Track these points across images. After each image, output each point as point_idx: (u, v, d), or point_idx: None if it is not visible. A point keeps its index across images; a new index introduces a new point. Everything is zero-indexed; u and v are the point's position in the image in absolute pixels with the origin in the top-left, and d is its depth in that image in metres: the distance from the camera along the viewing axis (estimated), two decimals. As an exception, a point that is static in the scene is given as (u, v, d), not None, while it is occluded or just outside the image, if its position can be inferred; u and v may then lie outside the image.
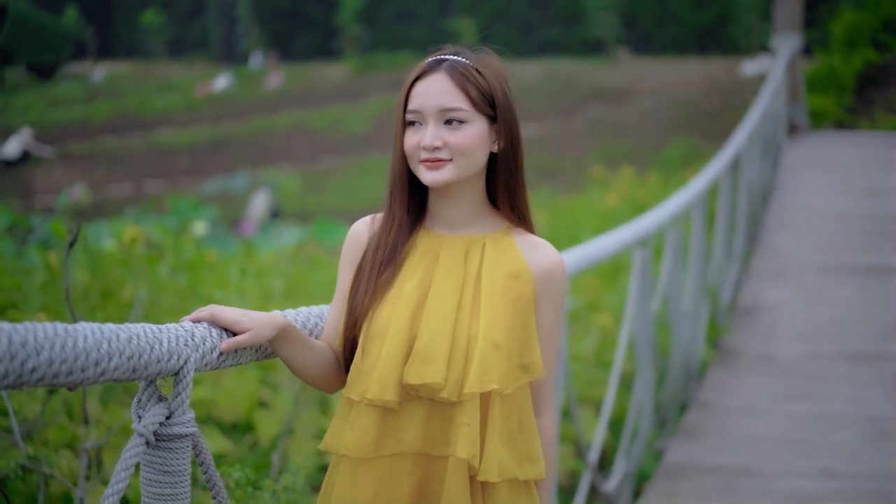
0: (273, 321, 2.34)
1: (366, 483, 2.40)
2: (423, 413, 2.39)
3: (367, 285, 2.46)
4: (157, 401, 2.06)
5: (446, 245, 2.48)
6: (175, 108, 31.25)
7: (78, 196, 20.92)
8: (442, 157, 2.40)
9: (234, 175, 22.73)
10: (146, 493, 2.06)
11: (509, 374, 2.39)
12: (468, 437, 2.36)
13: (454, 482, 2.37)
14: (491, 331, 2.38)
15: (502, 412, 2.39)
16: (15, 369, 1.64)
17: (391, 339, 2.38)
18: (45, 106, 32.87)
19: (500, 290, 2.42)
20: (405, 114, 2.44)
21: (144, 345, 1.96)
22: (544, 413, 2.50)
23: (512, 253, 2.47)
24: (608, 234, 5.61)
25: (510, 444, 2.40)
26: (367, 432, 2.39)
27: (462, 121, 2.40)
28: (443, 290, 2.43)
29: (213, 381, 5.88)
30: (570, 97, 27.06)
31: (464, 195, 2.47)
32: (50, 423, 5.18)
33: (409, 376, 2.36)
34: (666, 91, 26.15)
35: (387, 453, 2.40)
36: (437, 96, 2.40)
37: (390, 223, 2.50)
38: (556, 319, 2.49)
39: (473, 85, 2.41)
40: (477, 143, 2.41)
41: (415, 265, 2.47)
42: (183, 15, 45.15)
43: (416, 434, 2.39)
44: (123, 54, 44.32)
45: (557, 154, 21.86)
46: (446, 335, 2.38)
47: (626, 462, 5.92)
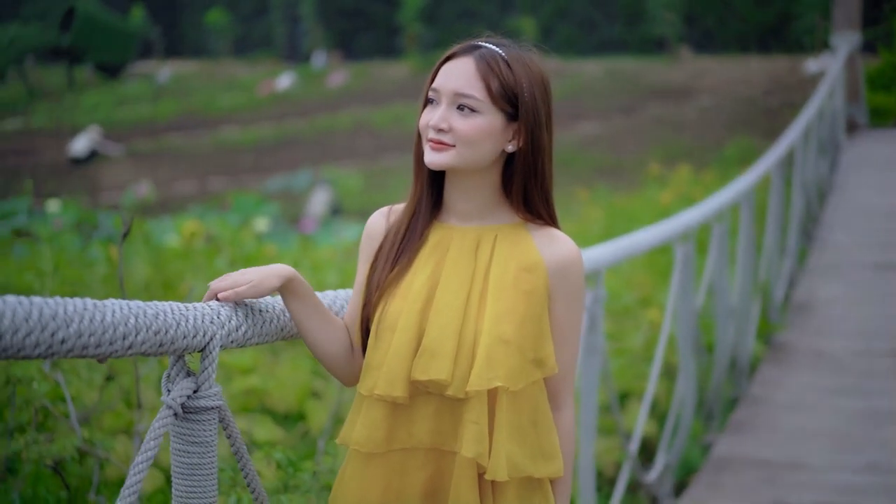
0: (278, 270, 2.31)
1: (376, 478, 2.37)
2: (434, 407, 2.34)
3: (379, 278, 2.41)
4: (185, 375, 2.17)
5: (457, 237, 2.41)
6: (239, 107, 31.58)
7: (143, 193, 21.24)
8: (445, 140, 2.33)
9: (296, 173, 22.95)
10: (175, 463, 2.18)
11: (520, 370, 2.32)
12: (474, 435, 2.30)
13: (462, 481, 2.32)
14: (498, 325, 2.31)
15: (512, 408, 2.32)
16: (45, 339, 1.76)
17: (400, 333, 2.34)
18: (113, 105, 33.35)
19: (511, 282, 2.35)
20: (428, 91, 2.38)
21: (171, 321, 2.08)
22: (562, 409, 2.43)
23: (525, 245, 2.39)
24: (649, 228, 5.66)
25: (522, 441, 2.33)
26: (376, 427, 2.35)
27: (473, 109, 2.32)
28: (452, 284, 2.36)
29: (266, 371, 6.01)
30: (631, 95, 27.00)
31: (475, 188, 2.40)
32: (107, 409, 5.32)
33: (416, 372, 2.31)
34: (727, 89, 26.01)
35: (397, 448, 2.36)
36: (456, 79, 2.33)
37: (408, 213, 2.45)
38: (572, 314, 2.41)
39: (497, 77, 2.32)
40: (483, 135, 2.32)
41: (426, 258, 2.41)
42: (247, 14, 45.56)
43: (427, 429, 2.35)
44: (189, 53, 44.81)
45: (617, 152, 21.85)
46: (453, 330, 2.32)
47: (667, 454, 5.97)
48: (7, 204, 19.24)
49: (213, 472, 2.20)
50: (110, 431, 5.26)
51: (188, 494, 2.18)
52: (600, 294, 4.62)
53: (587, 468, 4.63)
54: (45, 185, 22.50)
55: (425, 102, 2.39)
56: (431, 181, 2.44)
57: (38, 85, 36.82)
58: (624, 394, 6.66)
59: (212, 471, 2.20)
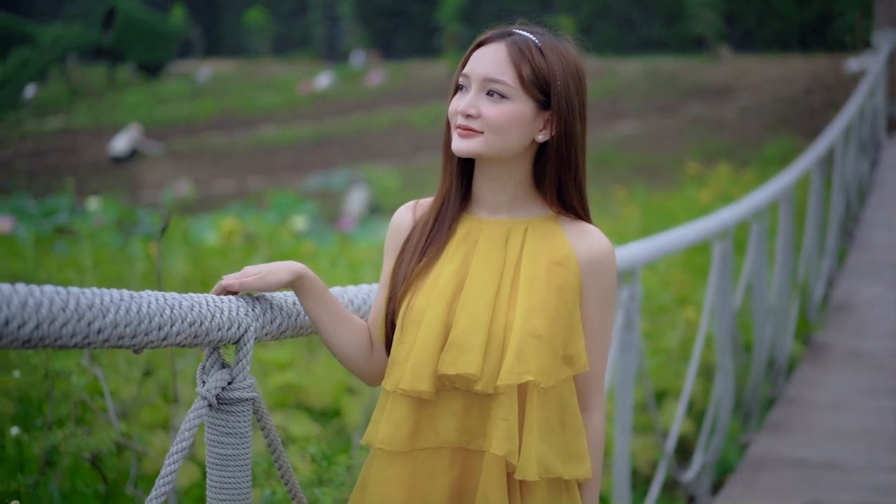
0: (289, 266, 2.26)
1: (400, 478, 2.28)
2: (460, 405, 2.26)
3: (406, 271, 2.34)
4: (220, 367, 2.19)
5: (486, 229, 2.33)
6: (278, 106, 31.71)
7: (183, 191, 21.37)
8: (474, 127, 2.26)
9: (334, 172, 23.03)
10: (210, 454, 2.20)
11: (551, 367, 2.24)
12: (504, 432, 2.22)
13: (490, 479, 2.24)
14: (530, 320, 2.23)
15: (542, 406, 2.25)
16: (82, 329, 1.78)
17: (426, 327, 2.25)
18: (153, 104, 33.56)
19: (543, 277, 2.27)
20: (459, 77, 2.31)
21: (206, 313, 2.09)
22: (592, 410, 2.35)
23: (557, 239, 2.31)
24: (686, 226, 5.64)
25: (551, 441, 2.26)
26: (401, 424, 2.26)
27: (503, 95, 2.24)
28: (481, 277, 2.28)
29: (303, 367, 6.03)
30: (670, 94, 26.90)
31: (505, 178, 2.32)
32: (144, 403, 5.36)
33: (443, 366, 2.23)
34: (767, 88, 25.87)
35: (422, 446, 2.27)
36: (487, 65, 2.26)
37: (436, 204, 2.38)
38: (604, 310, 2.33)
39: (529, 63, 2.25)
40: (513, 123, 2.24)
41: (454, 250, 2.33)
42: (286, 14, 45.74)
43: (453, 427, 2.26)
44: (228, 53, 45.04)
45: (656, 151, 21.78)
46: (483, 324, 2.24)
47: (704, 453, 5.95)
48: (48, 202, 19.42)
49: (247, 464, 2.22)
50: (147, 426, 5.30)
51: (222, 485, 2.20)
52: (636, 291, 4.61)
53: (622, 466, 4.62)
54: (86, 183, 22.68)
55: (455, 89, 2.32)
56: (461, 172, 2.37)
57: (80, 84, 37.11)
58: (661, 392, 6.64)
59: (245, 462, 2.21)
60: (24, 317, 1.68)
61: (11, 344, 1.67)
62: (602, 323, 2.33)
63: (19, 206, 18.31)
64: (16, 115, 33.23)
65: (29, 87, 35.64)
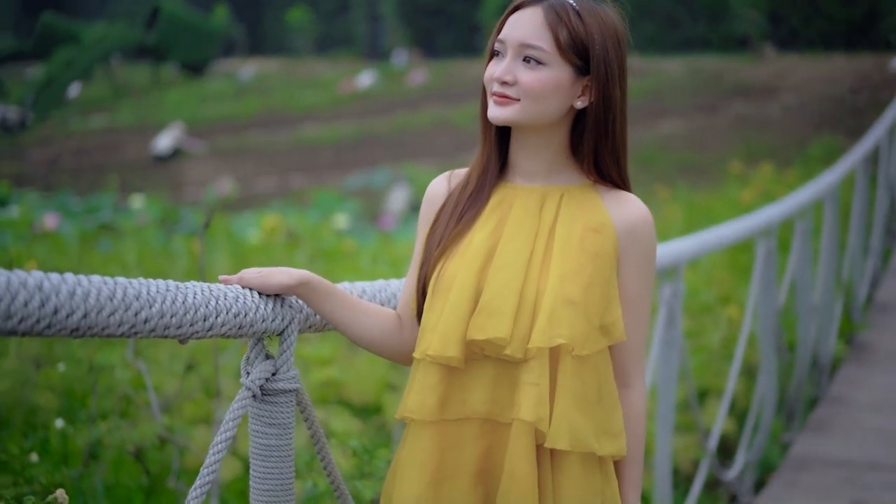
0: (289, 271, 2.20)
1: (429, 448, 2.22)
2: (490, 374, 2.20)
3: (441, 236, 2.29)
4: (263, 358, 2.20)
5: (521, 196, 2.28)
6: (320, 105, 31.80)
7: (225, 189, 21.48)
8: (510, 94, 2.21)
9: (375, 170, 23.07)
10: (254, 444, 2.21)
11: (586, 335, 2.17)
12: (534, 397, 2.15)
13: (518, 450, 2.17)
14: (564, 285, 2.17)
15: (577, 375, 2.17)
16: (129, 318, 1.80)
17: (456, 292, 2.20)
18: (196, 102, 33.76)
19: (577, 243, 2.21)
20: (494, 42, 2.26)
21: (250, 304, 2.11)
22: (633, 386, 2.28)
23: (593, 206, 2.26)
24: (730, 223, 5.62)
25: (586, 413, 2.18)
26: (429, 392, 2.21)
27: (540, 61, 2.19)
28: (513, 243, 2.23)
29: (344, 363, 6.06)
30: (714, 93, 26.76)
31: (541, 146, 2.27)
32: (187, 398, 5.40)
33: (473, 331, 2.17)
34: (811, 88, 25.69)
35: (451, 417, 2.21)
36: (523, 30, 2.20)
37: (475, 171, 2.33)
38: (643, 279, 2.27)
39: (566, 28, 2.18)
40: (550, 89, 2.19)
41: (487, 217, 2.28)
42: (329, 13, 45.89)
43: (482, 397, 2.20)
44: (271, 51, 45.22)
45: (698, 150, 21.67)
46: (514, 289, 2.19)
47: (747, 452, 5.92)
48: (92, 199, 19.58)
49: (290, 455, 2.23)
50: (190, 420, 5.34)
51: (265, 476, 2.21)
52: (679, 289, 4.60)
53: (664, 464, 4.61)
54: (130, 181, 22.85)
55: (491, 54, 2.26)
56: (499, 139, 2.31)
57: (124, 83, 37.38)
58: (703, 391, 6.61)
59: (288, 453, 2.22)
60: (73, 306, 1.70)
61: (59, 332, 1.69)
62: (640, 292, 2.27)
63: (64, 204, 18.47)
64: (60, 114, 33.53)
65: (73, 86, 35.95)
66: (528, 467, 2.17)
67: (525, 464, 2.17)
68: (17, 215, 13.71)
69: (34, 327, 1.63)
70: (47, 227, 12.04)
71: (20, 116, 31.72)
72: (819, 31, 32.45)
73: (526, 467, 2.17)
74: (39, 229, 11.96)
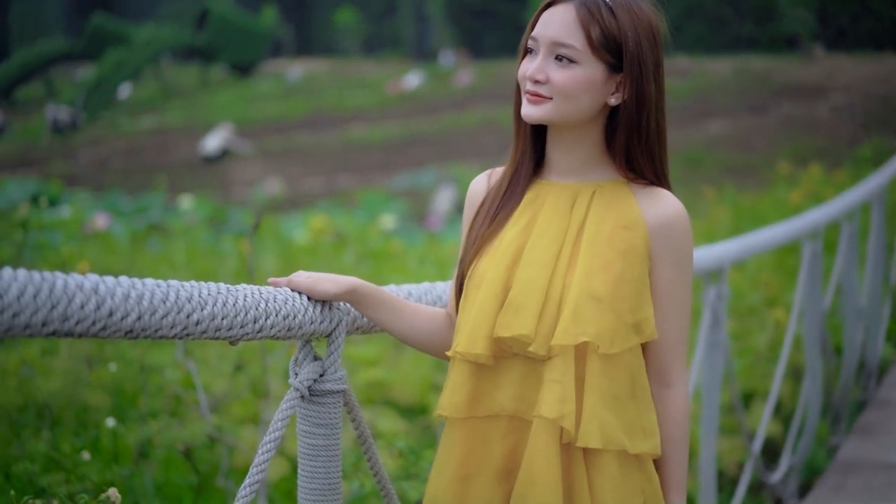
0: (337, 278, 2.21)
1: (458, 444, 2.23)
2: (520, 372, 2.19)
3: (476, 235, 2.29)
4: (312, 359, 2.25)
5: (554, 192, 2.27)
6: (367, 105, 31.92)
7: (273, 189, 21.62)
8: (542, 93, 2.19)
9: (422, 171, 23.14)
10: (302, 444, 2.26)
11: (614, 332, 2.15)
12: (556, 394, 2.13)
13: (538, 447, 2.15)
14: (590, 281, 2.15)
15: (606, 373, 2.15)
16: (181, 320, 1.85)
17: (485, 290, 2.20)
18: (244, 103, 33.98)
19: (606, 239, 2.19)
20: (527, 41, 2.23)
21: (299, 306, 2.15)
22: (673, 385, 2.24)
23: (625, 202, 2.23)
24: (775, 226, 5.61)
25: (618, 411, 2.15)
26: (458, 390, 2.21)
27: (572, 60, 2.17)
28: (542, 239, 2.22)
29: (390, 364, 6.10)
30: (761, 94, 26.61)
31: (575, 143, 2.25)
32: (235, 397, 5.46)
33: (499, 328, 2.17)
34: (861, 88, 25.48)
35: (480, 414, 2.21)
36: (555, 27, 2.17)
37: (509, 170, 2.32)
38: (679, 277, 2.22)
39: (598, 25, 2.16)
40: (582, 87, 2.17)
41: (520, 214, 2.27)
42: (377, 13, 46.02)
43: (510, 394, 2.19)
44: (319, 52, 45.40)
45: (746, 151, 21.57)
46: (540, 285, 2.17)
47: (792, 455, 5.91)
48: (142, 199, 19.77)
49: (337, 455, 2.27)
50: (238, 419, 5.39)
51: (313, 475, 2.25)
52: (724, 291, 4.60)
53: (708, 466, 4.61)
54: (178, 181, 23.05)
55: (524, 52, 2.24)
56: (534, 136, 2.30)
57: (173, 84, 37.68)
58: (749, 394, 6.60)
59: (336, 453, 2.26)
60: (127, 308, 1.74)
61: (114, 334, 1.73)
62: (676, 291, 2.23)
63: (114, 203, 18.67)
64: (110, 115, 33.85)
65: (124, 87, 36.28)
66: (546, 465, 2.15)
67: (543, 461, 2.15)
68: (68, 215, 13.87)
69: (90, 329, 1.68)
70: (98, 228, 12.18)
71: (71, 117, 32.07)
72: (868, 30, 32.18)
73: (543, 465, 2.15)
74: (90, 229, 12.11)
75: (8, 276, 1.55)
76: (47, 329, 1.61)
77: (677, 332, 2.24)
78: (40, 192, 18.07)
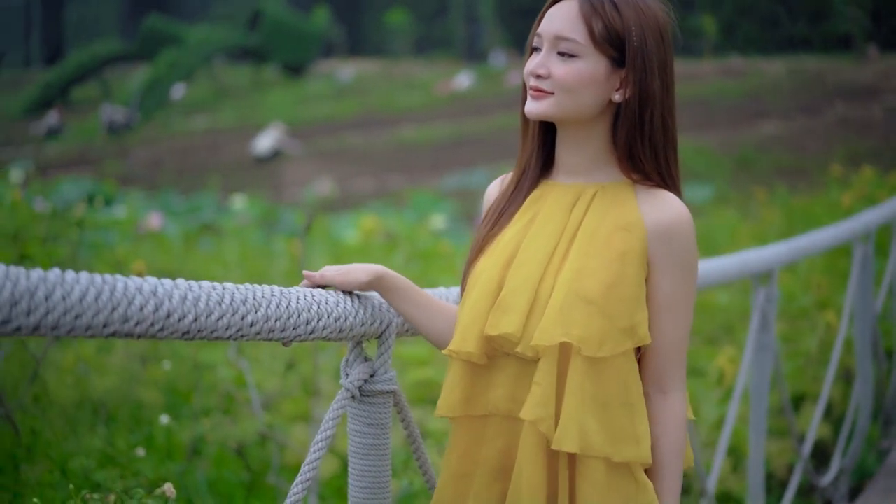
0: (366, 267, 2.22)
1: (456, 443, 2.22)
2: (513, 372, 2.16)
3: (479, 237, 2.27)
4: (362, 360, 2.29)
5: (557, 192, 2.23)
6: (417, 106, 32.00)
7: (325, 190, 21.73)
8: (544, 88, 2.16)
9: (472, 171, 23.16)
10: (352, 443, 2.30)
11: (604, 336, 2.08)
12: (537, 397, 2.09)
13: (526, 450, 2.13)
14: (580, 282, 2.10)
15: (592, 378, 2.09)
16: (236, 322, 1.90)
17: (479, 287, 2.18)
18: (295, 103, 34.16)
19: (603, 240, 2.14)
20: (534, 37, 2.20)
21: (350, 308, 2.19)
22: (670, 392, 2.17)
23: (626, 204, 2.17)
24: (826, 228, 5.59)
25: (604, 417, 2.09)
26: (453, 388, 2.20)
27: (574, 54, 2.14)
28: (538, 239, 2.18)
29: (440, 363, 6.14)
30: (815, 95, 26.42)
31: (582, 141, 2.21)
32: (287, 396, 5.51)
33: (488, 327, 2.14)
34: (917, 88, 25.23)
35: (475, 413, 2.20)
36: (557, 22, 2.15)
37: (517, 171, 2.29)
38: (679, 283, 2.15)
39: (601, 19, 2.12)
40: (584, 82, 2.14)
41: (521, 214, 2.24)
42: (427, 14, 46.08)
43: (503, 394, 2.16)
44: (371, 53, 45.53)
45: (799, 152, 21.43)
46: (530, 284, 2.14)
47: (842, 458, 5.89)
48: (194, 198, 19.95)
49: (387, 454, 2.31)
50: (289, 418, 5.46)
51: (363, 474, 2.30)
52: (773, 293, 4.60)
53: (756, 468, 4.61)
54: (231, 181, 23.23)
55: (531, 50, 2.21)
56: (542, 136, 2.27)
57: (225, 84, 37.95)
58: (800, 396, 6.58)
59: (385, 452, 2.31)
60: (184, 310, 1.79)
61: (171, 335, 1.78)
62: (677, 298, 2.15)
63: (167, 203, 18.85)
64: (164, 115, 34.15)
65: (178, 88, 36.58)
66: (532, 468, 2.12)
67: (530, 466, 2.12)
68: (123, 215, 14.03)
69: (148, 330, 1.73)
70: (151, 227, 12.32)
71: (126, 117, 32.40)
72: (924, 30, 31.83)
73: (530, 469, 2.12)
74: (144, 229, 12.25)
75: (70, 279, 1.60)
76: (108, 330, 1.66)
77: (675, 340, 2.17)
78: (95, 191, 18.28)
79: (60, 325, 1.57)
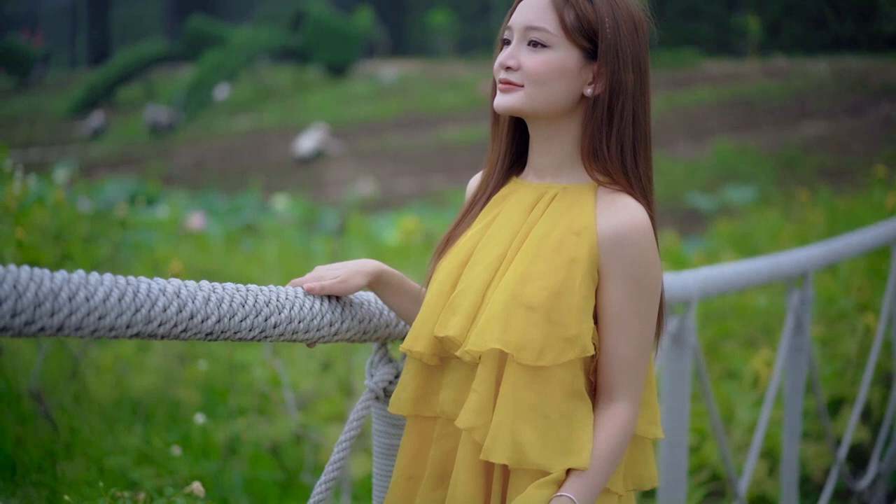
0: (365, 267, 2.17)
1: (408, 443, 2.18)
2: (461, 375, 2.09)
3: (444, 237, 2.23)
4: (387, 361, 2.32)
5: (521, 192, 2.16)
6: (460, 106, 31.99)
7: (366, 190, 21.78)
8: (514, 80, 2.09)
9: (513, 172, 23.14)
10: (377, 443, 2.33)
11: (545, 344, 2.00)
12: (473, 404, 2.02)
13: (463, 457, 2.07)
14: (523, 287, 2.02)
15: (532, 387, 2.01)
16: (259, 324, 1.93)
17: (434, 288, 2.13)
18: (338, 104, 34.27)
19: (553, 245, 2.05)
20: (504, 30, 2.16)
21: (374, 310, 2.22)
22: (617, 400, 2.06)
23: (584, 208, 2.08)
24: (863, 230, 5.56)
25: (541, 428, 2.00)
26: (404, 387, 2.15)
27: (544, 44, 2.07)
28: (493, 240, 2.12)
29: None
30: (860, 95, 26.19)
31: (552, 139, 2.12)
32: (322, 396, 5.55)
33: (437, 328, 2.09)
34: (963, 88, 24.98)
35: (426, 414, 2.15)
36: (528, 13, 2.09)
37: (485, 171, 2.23)
38: (631, 293, 2.04)
39: (573, 9, 2.06)
40: (554, 73, 2.06)
41: (485, 213, 2.19)
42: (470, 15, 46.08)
43: (450, 397, 2.10)
44: (413, 53, 45.61)
45: (843, 153, 21.26)
46: (477, 287, 2.07)
47: (879, 462, 5.85)
48: (237, 199, 20.06)
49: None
50: (324, 417, 5.49)
51: (387, 473, 2.32)
52: (808, 296, 4.58)
53: (790, 471, 4.60)
54: (273, 181, 23.34)
55: (502, 44, 2.17)
56: (512, 135, 2.20)
57: (268, 84, 38.12)
58: (838, 399, 6.54)
59: (410, 452, 2.32)
60: (207, 311, 1.82)
61: (195, 336, 1.81)
62: (626, 309, 2.04)
63: (210, 203, 18.95)
64: (207, 115, 34.35)
65: (222, 88, 36.78)
66: (468, 476, 2.06)
67: (465, 474, 2.06)
68: (165, 215, 14.13)
69: (172, 331, 1.76)
70: (193, 227, 12.41)
71: (170, 118, 32.63)
72: (972, 30, 31.52)
73: (465, 477, 2.06)
74: (186, 229, 12.34)
75: (94, 281, 1.63)
76: (131, 331, 1.69)
77: (628, 354, 2.06)
78: (139, 191, 18.42)
79: (84, 325, 1.60)
